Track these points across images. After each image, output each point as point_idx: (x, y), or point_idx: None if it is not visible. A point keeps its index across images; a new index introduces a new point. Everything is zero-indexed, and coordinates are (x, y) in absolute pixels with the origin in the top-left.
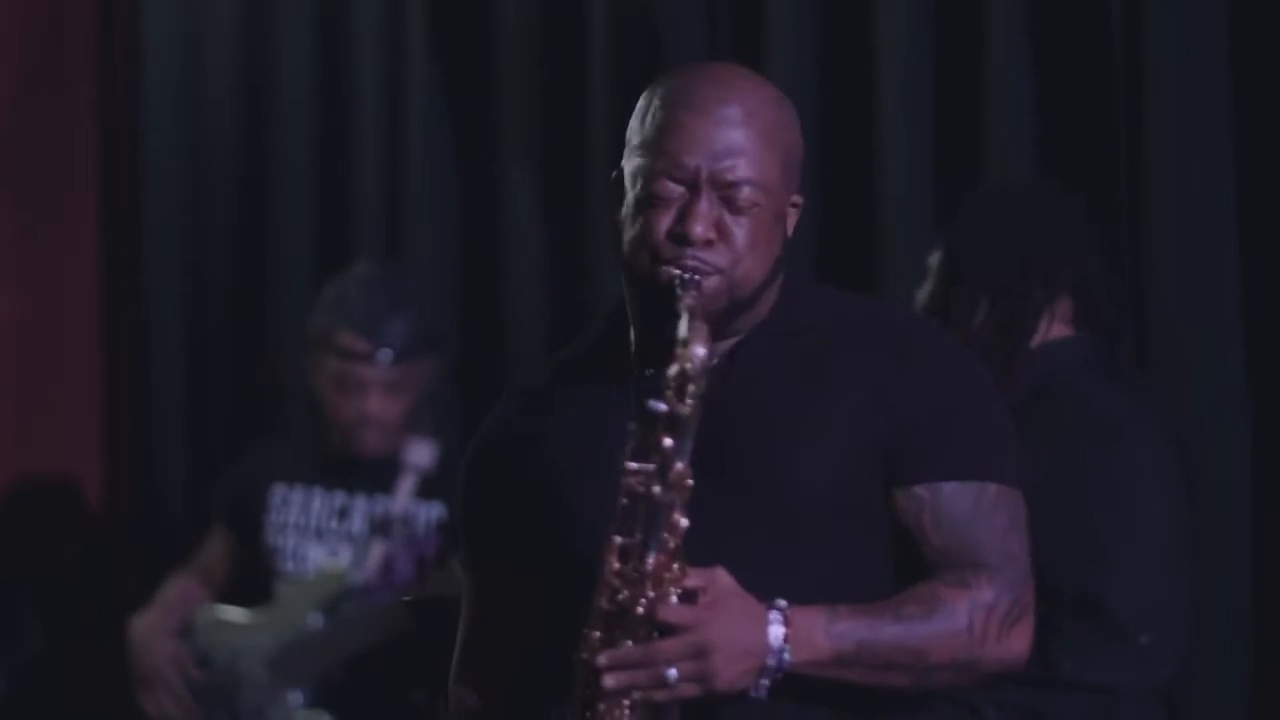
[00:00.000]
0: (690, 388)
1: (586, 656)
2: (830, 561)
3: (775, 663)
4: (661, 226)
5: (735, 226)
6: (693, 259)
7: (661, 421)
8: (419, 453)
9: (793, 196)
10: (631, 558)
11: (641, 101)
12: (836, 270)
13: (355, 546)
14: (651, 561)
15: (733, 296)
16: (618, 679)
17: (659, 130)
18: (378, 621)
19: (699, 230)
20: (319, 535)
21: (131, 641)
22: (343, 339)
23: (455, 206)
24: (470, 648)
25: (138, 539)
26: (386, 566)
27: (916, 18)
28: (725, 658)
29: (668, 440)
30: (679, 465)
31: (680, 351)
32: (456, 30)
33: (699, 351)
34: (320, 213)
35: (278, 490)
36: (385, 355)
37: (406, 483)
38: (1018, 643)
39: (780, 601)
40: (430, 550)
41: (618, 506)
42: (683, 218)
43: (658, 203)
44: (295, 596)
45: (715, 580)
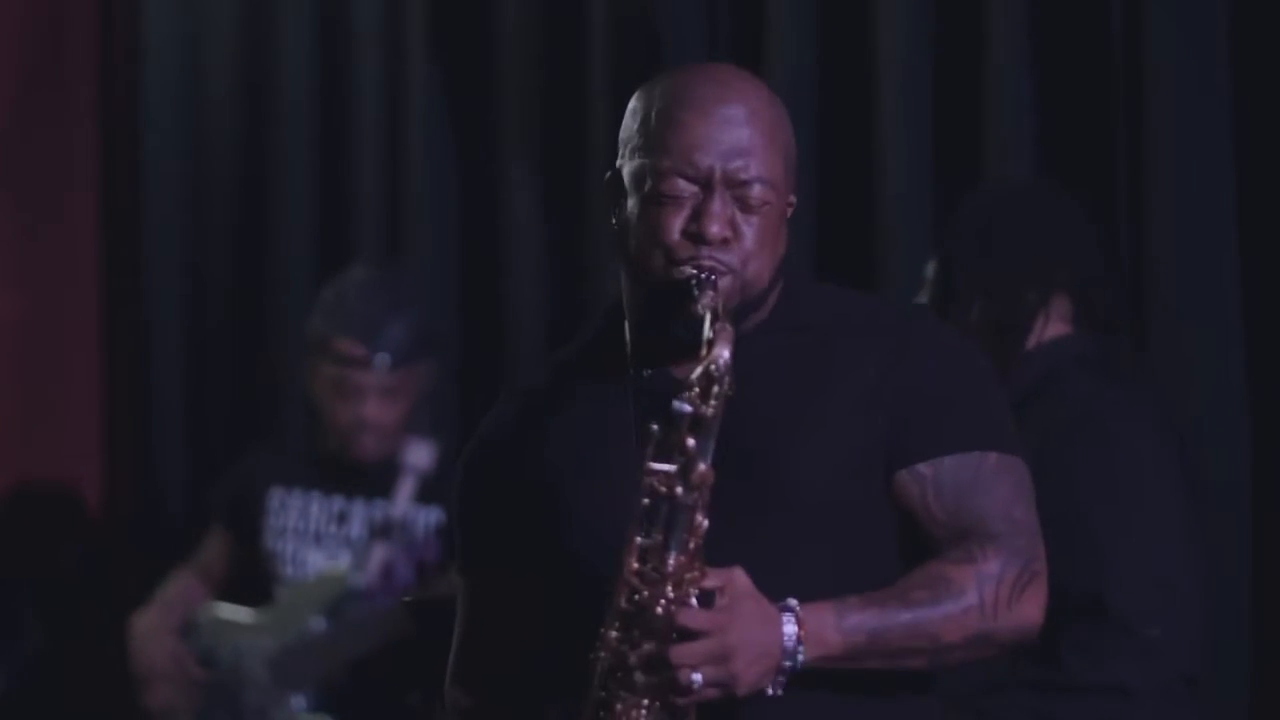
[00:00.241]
0: (715, 389)
1: (605, 656)
2: (834, 557)
3: (790, 663)
4: (675, 225)
5: (746, 226)
6: (710, 259)
7: (685, 422)
8: (418, 454)
9: (790, 196)
10: (651, 558)
11: (635, 102)
12: (836, 270)
13: (355, 551)
14: (672, 562)
15: (743, 296)
16: (647, 679)
17: (665, 130)
18: (379, 625)
19: (716, 230)
20: (318, 540)
21: (132, 639)
22: (340, 344)
23: (455, 206)
24: (466, 649)
25: (138, 539)
26: (386, 571)
27: (916, 18)
28: (746, 661)
29: (691, 441)
30: (702, 466)
31: (705, 353)
32: (456, 30)
33: (724, 353)
34: (320, 213)
35: (276, 494)
36: (383, 361)
37: (406, 486)
38: (1030, 608)
39: (791, 601)
40: (430, 554)
41: (638, 506)
42: (697, 217)
43: (668, 202)
44: (297, 599)
45: (733, 581)
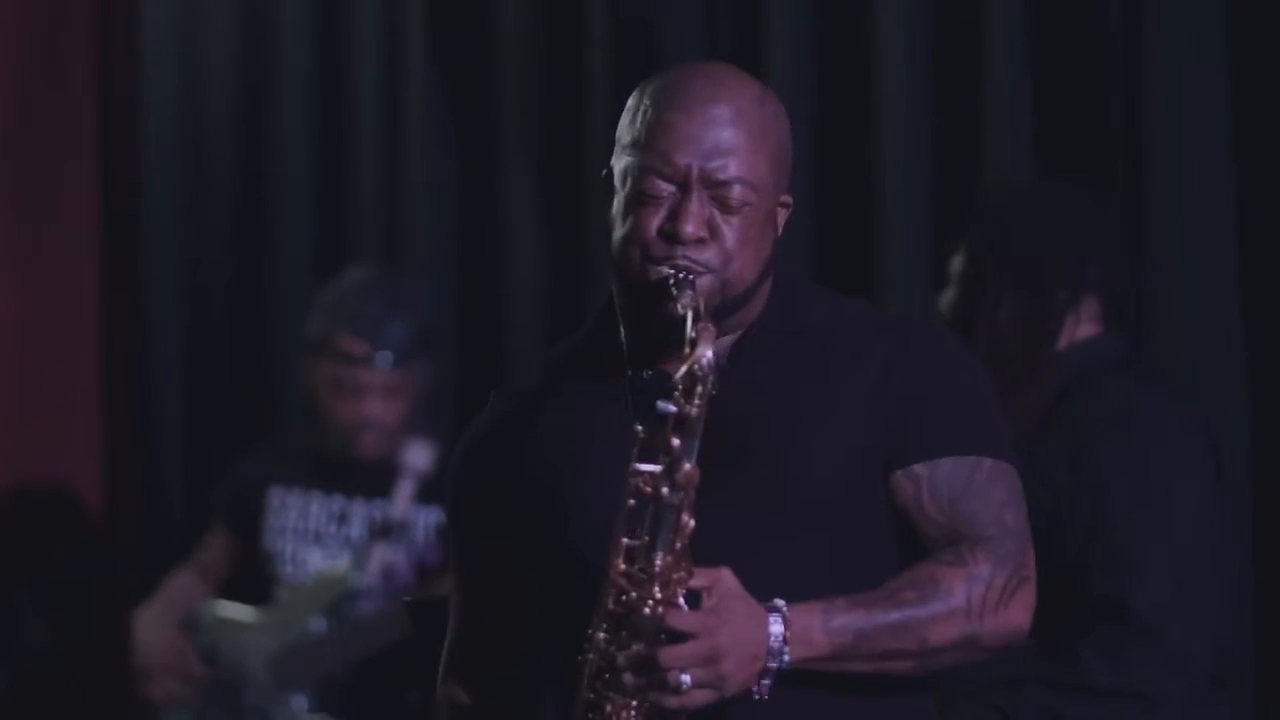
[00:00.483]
0: (698, 389)
1: (593, 657)
2: (834, 556)
3: (775, 664)
4: (652, 225)
5: (726, 226)
6: (684, 258)
7: (670, 422)
8: (418, 456)
9: (782, 196)
10: (638, 559)
11: (631, 100)
12: (836, 270)
13: (355, 551)
14: (659, 562)
15: (724, 296)
16: (636, 680)
17: (649, 129)
18: (379, 626)
19: (690, 229)
20: (318, 540)
21: (135, 632)
22: (342, 342)
23: (455, 206)
24: (459, 646)
25: (138, 539)
26: (387, 571)
27: (915, 17)
28: (735, 662)
29: (676, 441)
30: (687, 466)
31: (688, 353)
32: (456, 30)
33: (706, 353)
34: (320, 213)
35: (276, 493)
36: (384, 359)
37: (406, 486)
38: (1017, 613)
39: (778, 601)
40: (430, 555)
41: (624, 507)
42: (674, 216)
43: (647, 201)
44: (297, 599)
45: (720, 581)
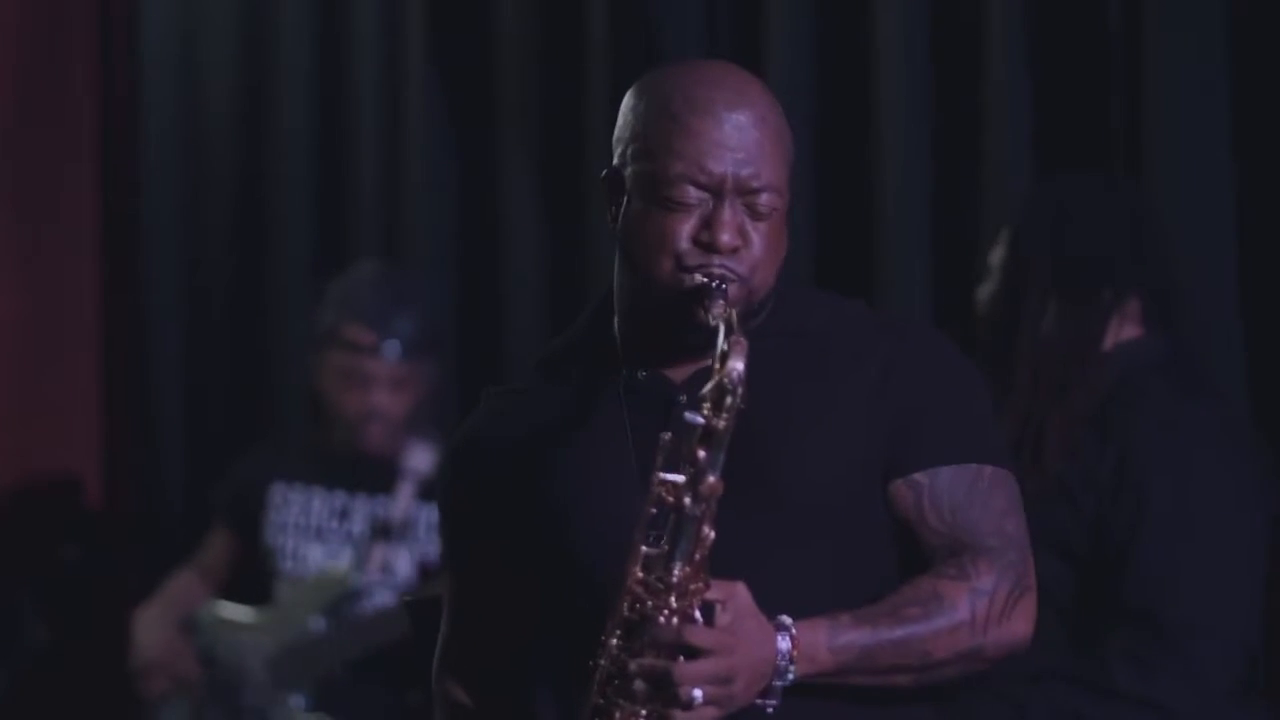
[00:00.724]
0: (727, 401)
1: (605, 663)
2: (833, 561)
3: (780, 682)
4: (683, 232)
5: (755, 233)
6: (721, 266)
7: (697, 434)
8: (419, 457)
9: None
10: (656, 568)
11: (635, 99)
12: (836, 270)
13: (356, 549)
14: (678, 573)
15: (748, 303)
16: (647, 690)
17: (675, 135)
18: (379, 625)
19: (727, 239)
20: (319, 535)
21: (134, 633)
22: (350, 332)
23: (455, 207)
24: (453, 643)
25: (138, 539)
26: (387, 570)
27: (915, 17)
28: (745, 682)
29: (702, 453)
30: (711, 478)
31: (718, 366)
32: (456, 30)
33: (738, 366)
34: (320, 213)
35: (278, 489)
36: (392, 348)
37: (406, 488)
38: (1019, 624)
39: (785, 618)
40: (431, 554)
41: (644, 514)
42: (708, 225)
43: (677, 208)
44: (297, 598)
45: (735, 596)
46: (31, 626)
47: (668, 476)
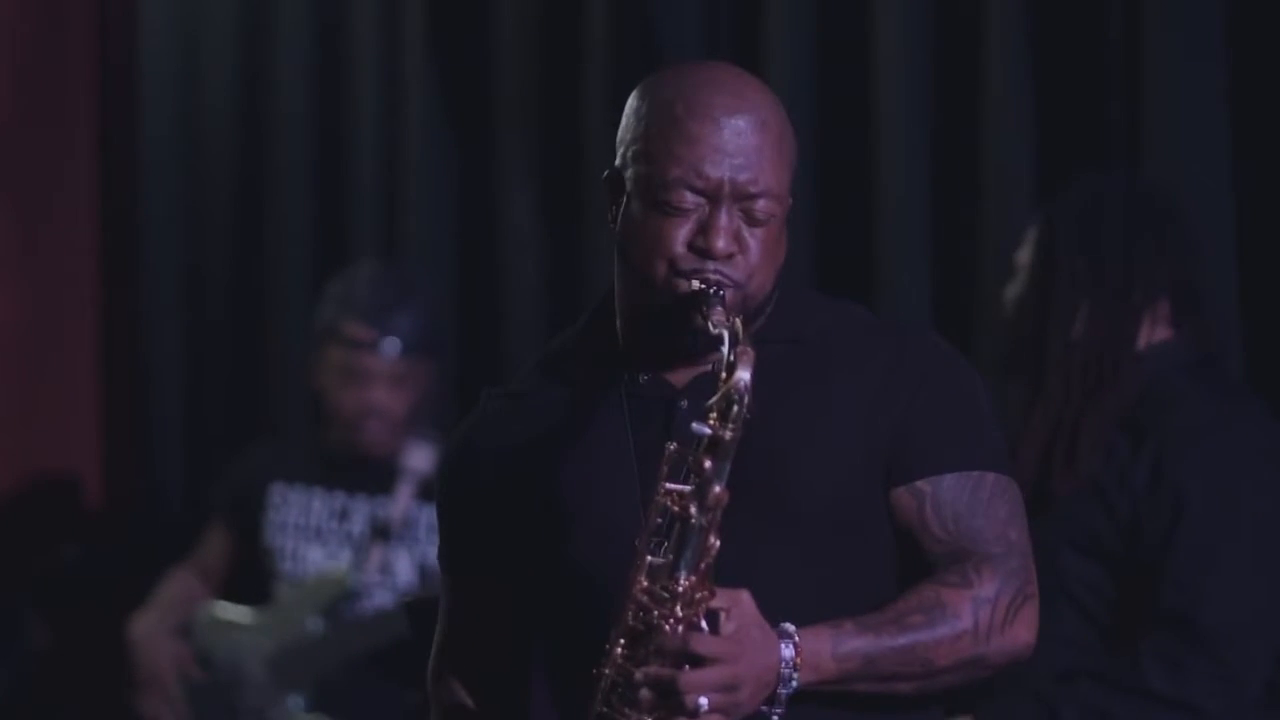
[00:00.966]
0: (734, 411)
1: (609, 671)
2: (834, 566)
3: (785, 690)
4: (679, 237)
5: (752, 239)
6: (715, 272)
7: (703, 444)
8: (418, 457)
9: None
10: (661, 577)
11: (638, 101)
12: (836, 270)
13: (355, 550)
14: (683, 582)
15: (745, 308)
16: (652, 699)
17: (674, 139)
18: (378, 626)
19: (722, 245)
20: (318, 536)
21: (131, 642)
22: (350, 328)
23: (454, 207)
24: (449, 646)
25: (138, 539)
26: (386, 570)
27: (915, 17)
28: (750, 690)
29: (708, 463)
30: (717, 489)
31: (724, 376)
32: (456, 30)
33: (745, 376)
34: (319, 213)
35: (277, 489)
36: (392, 345)
37: (406, 489)
38: (1022, 631)
39: (789, 626)
40: (431, 554)
41: (648, 523)
42: (704, 230)
43: (674, 212)
44: (295, 599)
45: (740, 604)
46: (31, 626)
47: (673, 486)
